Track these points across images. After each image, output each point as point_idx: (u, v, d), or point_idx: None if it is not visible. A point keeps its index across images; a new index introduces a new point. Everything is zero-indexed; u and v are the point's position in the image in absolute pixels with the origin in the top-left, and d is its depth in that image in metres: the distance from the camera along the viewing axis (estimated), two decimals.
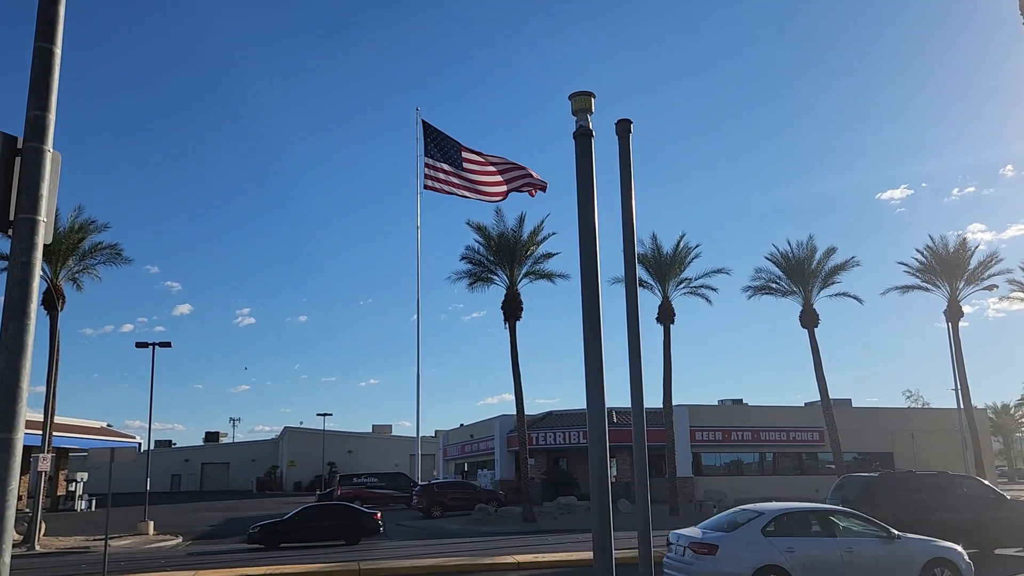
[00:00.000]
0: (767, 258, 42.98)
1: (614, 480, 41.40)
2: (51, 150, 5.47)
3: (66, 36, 5.66)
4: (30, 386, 5.11)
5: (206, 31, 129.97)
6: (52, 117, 5.48)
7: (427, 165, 31.57)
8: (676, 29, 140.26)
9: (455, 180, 30.27)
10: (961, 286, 44.06)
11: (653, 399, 37.65)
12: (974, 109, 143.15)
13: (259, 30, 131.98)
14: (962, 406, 42.15)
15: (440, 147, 31.17)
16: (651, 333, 40.19)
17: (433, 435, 75.87)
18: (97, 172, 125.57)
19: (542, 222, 37.02)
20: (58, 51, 5.57)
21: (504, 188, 29.13)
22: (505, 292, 36.26)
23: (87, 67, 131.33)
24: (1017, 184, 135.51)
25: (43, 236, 5.33)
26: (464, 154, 29.80)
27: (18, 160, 5.39)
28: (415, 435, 40.09)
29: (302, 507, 28.73)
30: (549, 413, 50.01)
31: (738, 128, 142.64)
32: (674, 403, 38.68)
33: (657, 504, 33.47)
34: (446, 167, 30.69)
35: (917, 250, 45.80)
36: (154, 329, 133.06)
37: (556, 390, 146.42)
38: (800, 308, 41.88)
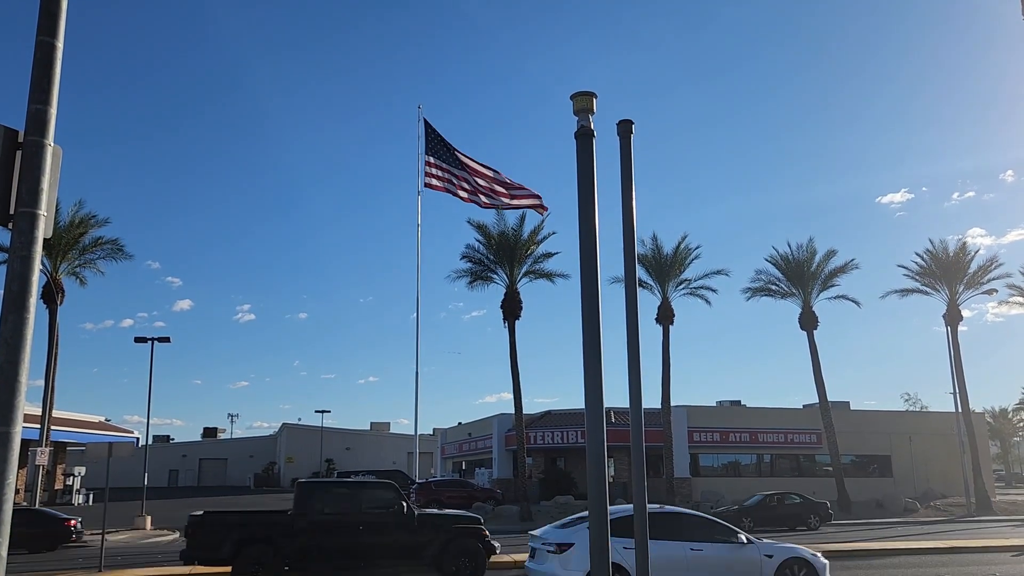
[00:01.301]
0: (767, 260, 43.09)
1: (611, 480, 41.42)
2: (52, 144, 5.47)
3: (69, 31, 5.66)
4: (29, 380, 5.11)
5: (208, 29, 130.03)
6: (53, 111, 5.48)
7: (428, 163, 31.56)
8: (678, 32, 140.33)
9: (455, 180, 30.26)
10: (961, 290, 44.07)
11: (651, 400, 37.74)
12: (975, 114, 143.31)
13: (260, 28, 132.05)
14: (960, 410, 42.14)
15: (441, 147, 31.16)
16: (650, 334, 40.24)
17: (431, 433, 75.88)
18: (100, 168, 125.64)
19: (542, 221, 37.09)
20: (60, 45, 5.57)
21: (502, 200, 29.02)
22: (505, 291, 36.29)
23: (90, 63, 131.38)
24: (1017, 189, 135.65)
25: (43, 230, 5.33)
26: (462, 158, 29.75)
27: (19, 154, 5.39)
28: (413, 433, 40.08)
29: None
30: (547, 412, 50.01)
31: (739, 131, 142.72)
32: (672, 404, 38.74)
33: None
34: (446, 166, 30.68)
35: (917, 254, 45.89)
36: (154, 324, 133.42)
37: (555, 389, 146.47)
38: (799, 310, 41.92)
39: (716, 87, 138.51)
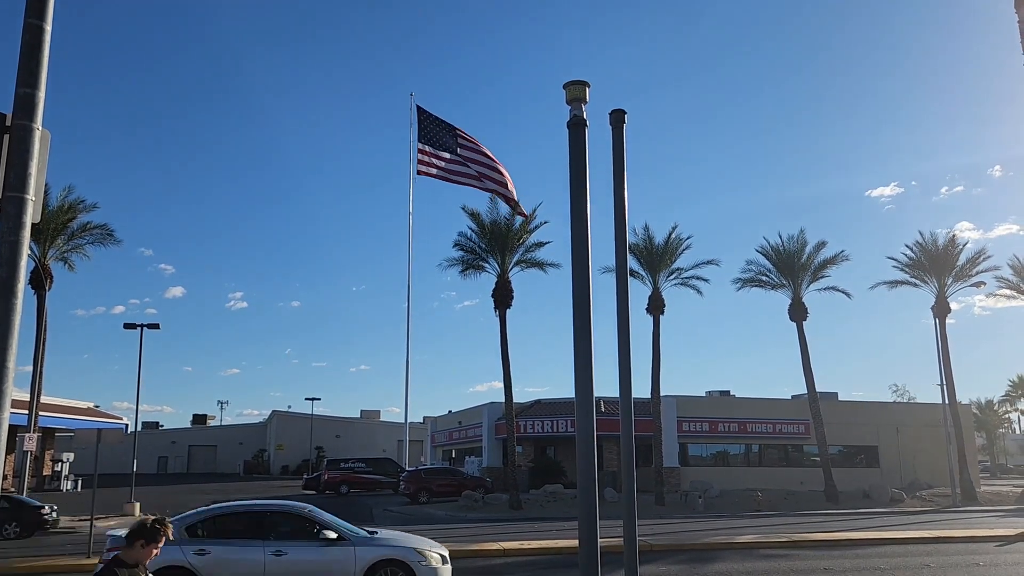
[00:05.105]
0: (758, 250, 43.06)
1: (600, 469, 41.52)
2: (40, 128, 5.41)
3: (61, 16, 5.60)
4: (17, 365, 5.09)
5: (202, 16, 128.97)
6: (42, 95, 5.42)
7: (420, 151, 31.43)
8: (670, 27, 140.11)
9: (448, 166, 30.14)
10: (949, 282, 44.23)
11: (641, 389, 37.78)
12: (965, 110, 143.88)
13: (254, 17, 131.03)
14: (947, 402, 42.40)
15: (434, 132, 31.02)
16: (641, 323, 40.27)
17: (421, 421, 75.91)
18: (92, 155, 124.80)
19: (534, 210, 37.02)
20: (48, 28, 5.51)
21: (491, 185, 28.87)
22: (496, 280, 36.26)
23: (82, 48, 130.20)
24: (1005, 184, 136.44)
25: (31, 215, 5.29)
26: (459, 140, 29.59)
27: (6, 138, 5.34)
28: (403, 421, 40.15)
29: None
30: (537, 401, 50.11)
31: (730, 124, 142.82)
32: (662, 394, 38.81)
33: (643, 494, 33.61)
34: (440, 153, 30.57)
35: (907, 245, 45.95)
36: (146, 311, 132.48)
37: (545, 379, 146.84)
38: (789, 301, 42.02)
39: (708, 82, 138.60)
